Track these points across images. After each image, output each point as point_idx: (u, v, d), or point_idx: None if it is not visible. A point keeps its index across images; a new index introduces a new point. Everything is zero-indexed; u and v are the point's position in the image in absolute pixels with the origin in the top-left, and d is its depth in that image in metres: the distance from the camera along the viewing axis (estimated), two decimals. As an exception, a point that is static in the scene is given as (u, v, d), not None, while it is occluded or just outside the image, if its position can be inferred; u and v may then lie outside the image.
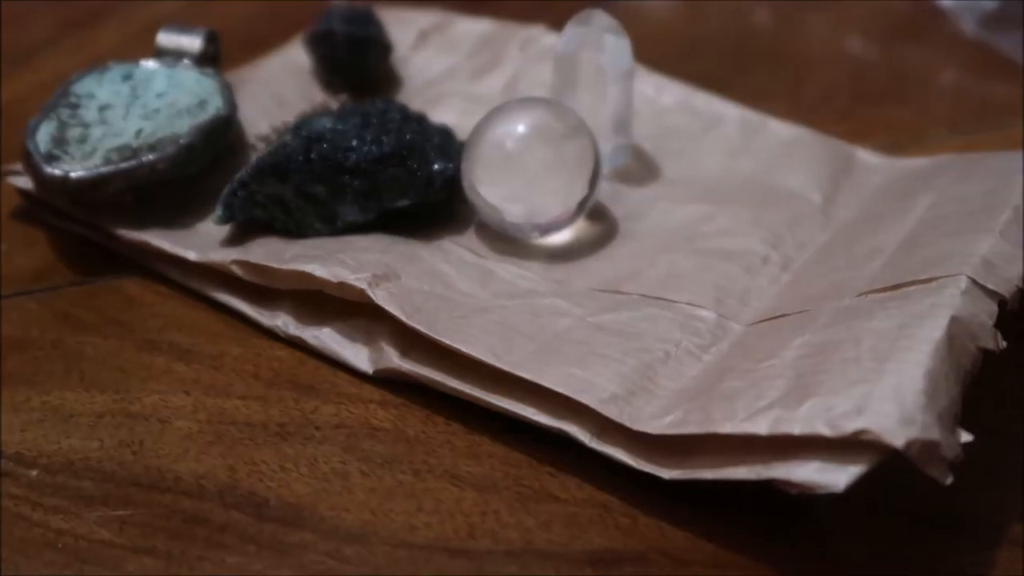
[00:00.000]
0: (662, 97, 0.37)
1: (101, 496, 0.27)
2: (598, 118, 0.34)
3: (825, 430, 0.24)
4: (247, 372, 0.30)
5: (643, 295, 0.31)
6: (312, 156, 0.32)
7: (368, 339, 0.30)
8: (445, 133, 0.34)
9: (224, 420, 0.29)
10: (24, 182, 0.34)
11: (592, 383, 0.28)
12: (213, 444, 0.28)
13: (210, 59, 0.37)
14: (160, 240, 0.32)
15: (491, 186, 0.32)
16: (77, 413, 0.29)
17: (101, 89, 0.35)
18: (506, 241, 0.33)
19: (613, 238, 0.33)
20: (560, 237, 0.33)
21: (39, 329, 0.31)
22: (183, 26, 0.37)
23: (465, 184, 0.33)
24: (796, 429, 0.25)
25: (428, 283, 0.31)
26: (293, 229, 0.33)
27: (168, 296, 0.32)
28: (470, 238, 0.33)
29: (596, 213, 0.34)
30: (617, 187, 0.35)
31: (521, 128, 0.32)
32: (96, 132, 0.33)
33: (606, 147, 0.34)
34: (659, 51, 0.40)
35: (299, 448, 0.28)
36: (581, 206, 0.33)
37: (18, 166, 0.34)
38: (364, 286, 0.30)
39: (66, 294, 0.32)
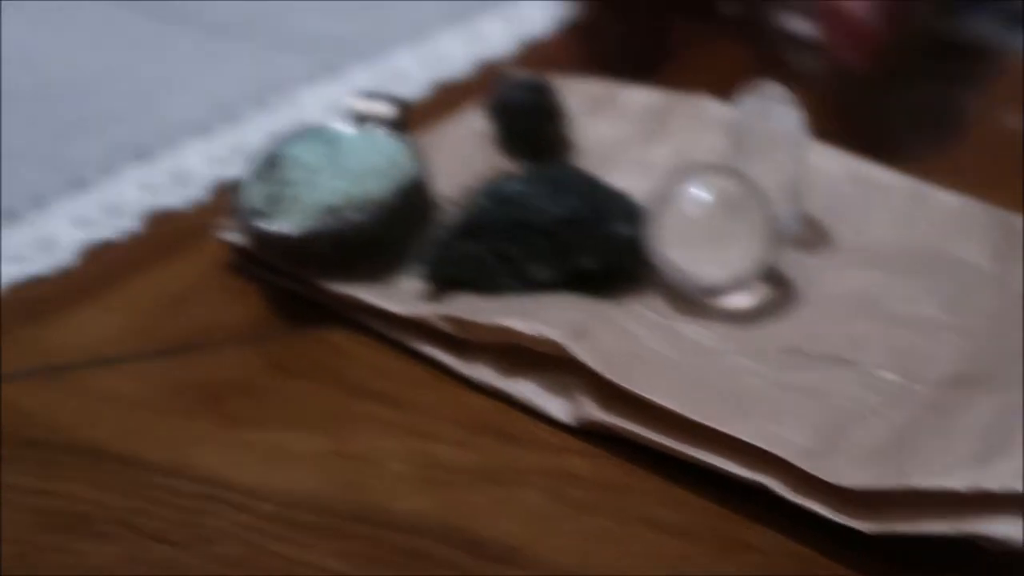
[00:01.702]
0: (831, 167, 0.39)
1: (327, 529, 0.29)
2: (770, 186, 0.36)
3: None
4: (451, 419, 0.32)
5: (826, 356, 0.32)
6: (506, 218, 0.34)
7: (565, 391, 0.32)
8: (625, 198, 0.36)
9: (433, 463, 0.31)
10: (236, 237, 0.36)
11: (786, 437, 0.29)
12: (425, 484, 0.30)
13: (400, 124, 0.39)
14: (365, 294, 0.35)
15: (676, 249, 0.34)
16: (299, 453, 0.31)
17: (303, 152, 0.37)
18: (687, 303, 0.34)
19: (792, 302, 0.35)
20: (739, 299, 0.35)
21: (255, 375, 0.33)
22: (375, 93, 0.40)
23: (650, 246, 0.34)
24: (994, 485, 0.26)
25: (619, 340, 0.33)
26: (487, 286, 0.35)
27: (372, 346, 0.34)
28: (652, 299, 0.35)
29: (773, 277, 0.35)
30: (791, 253, 0.36)
31: (704, 194, 0.34)
32: (303, 192, 0.36)
33: (778, 214, 0.36)
34: (828, 122, 0.42)
35: (506, 491, 0.30)
36: (759, 270, 0.34)
37: (231, 221, 0.36)
38: (563, 340, 0.32)
39: (278, 343, 0.34)
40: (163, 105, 0.44)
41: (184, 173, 0.40)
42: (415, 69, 0.46)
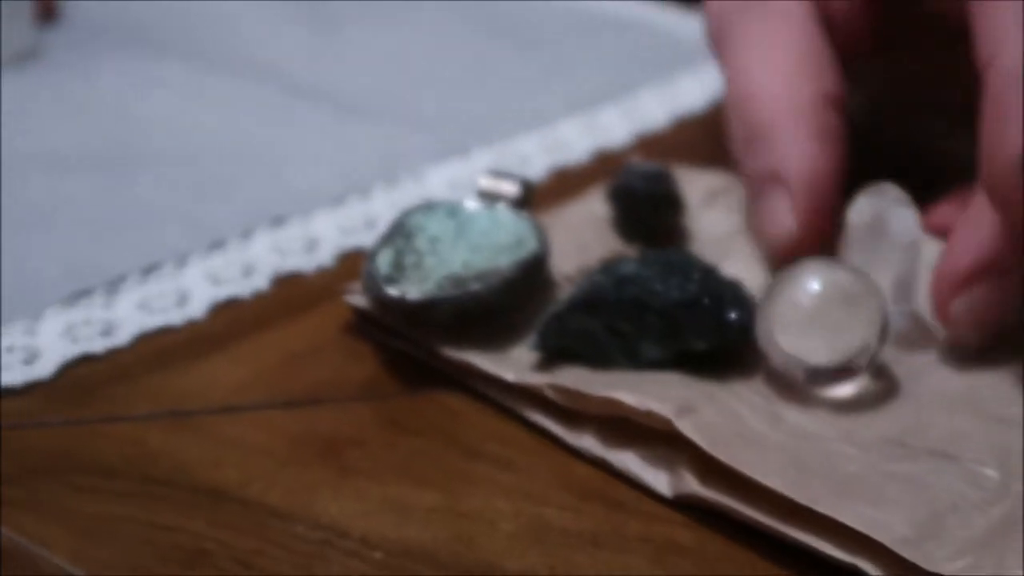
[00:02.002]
0: None
1: (438, 581, 0.30)
2: (882, 283, 0.37)
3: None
4: (560, 485, 0.33)
5: (928, 450, 0.33)
6: (622, 296, 0.36)
7: (668, 465, 0.33)
8: (736, 286, 0.37)
9: (542, 526, 0.32)
10: (358, 300, 0.38)
11: (885, 523, 0.30)
12: (535, 545, 0.31)
13: (523, 203, 0.40)
14: (480, 360, 0.36)
15: (785, 335, 0.35)
16: (412, 507, 0.32)
17: (430, 223, 0.39)
18: (792, 390, 0.35)
19: (895, 396, 0.35)
20: (844, 390, 0.35)
21: (372, 431, 0.35)
22: (501, 172, 0.41)
23: (761, 334, 0.35)
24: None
25: (724, 419, 0.33)
26: (597, 360, 0.36)
27: (485, 411, 0.35)
28: (758, 384, 0.36)
29: (878, 371, 0.36)
30: (897, 349, 0.37)
31: (818, 286, 0.35)
32: (429, 261, 0.37)
33: (889, 310, 0.37)
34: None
35: (611, 556, 0.31)
36: (868, 363, 0.35)
37: (356, 285, 0.38)
38: (671, 416, 0.33)
39: (394, 403, 0.36)
40: (296, 175, 0.46)
41: (314, 240, 0.42)
42: (536, 154, 0.48)
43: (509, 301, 0.37)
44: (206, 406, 0.36)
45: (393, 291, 0.36)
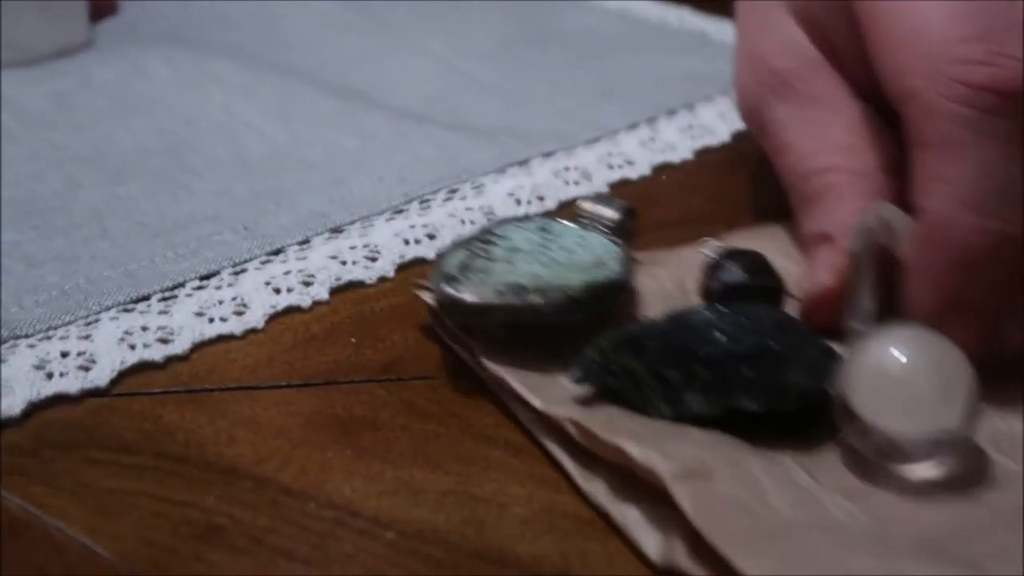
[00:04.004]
0: None
1: (449, 563, 0.30)
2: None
3: None
4: (574, 474, 0.33)
5: (960, 560, 0.29)
6: (670, 339, 0.34)
7: (666, 527, 0.31)
8: (828, 352, 0.34)
9: (556, 512, 0.31)
10: (427, 296, 0.37)
11: None
12: (547, 531, 0.31)
13: (625, 232, 0.39)
14: (516, 378, 0.34)
15: (868, 405, 0.32)
16: (425, 489, 0.32)
17: (517, 235, 0.38)
18: (867, 468, 0.32)
19: (966, 495, 0.32)
20: (926, 469, 0.32)
21: (388, 413, 0.35)
22: (607, 198, 0.40)
23: (838, 400, 0.32)
24: None
25: (738, 488, 0.31)
26: (639, 404, 0.33)
27: (501, 398, 0.35)
28: (813, 461, 0.33)
29: (965, 458, 0.33)
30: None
31: (908, 356, 0.32)
32: (499, 268, 0.36)
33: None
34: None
35: (623, 545, 0.30)
36: (951, 440, 0.32)
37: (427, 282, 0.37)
38: (667, 475, 0.30)
39: (411, 386, 0.36)
40: (356, 185, 0.45)
41: (373, 250, 0.42)
42: (596, 168, 0.48)
43: (570, 321, 0.35)
44: (221, 384, 0.36)
45: (450, 290, 0.35)
